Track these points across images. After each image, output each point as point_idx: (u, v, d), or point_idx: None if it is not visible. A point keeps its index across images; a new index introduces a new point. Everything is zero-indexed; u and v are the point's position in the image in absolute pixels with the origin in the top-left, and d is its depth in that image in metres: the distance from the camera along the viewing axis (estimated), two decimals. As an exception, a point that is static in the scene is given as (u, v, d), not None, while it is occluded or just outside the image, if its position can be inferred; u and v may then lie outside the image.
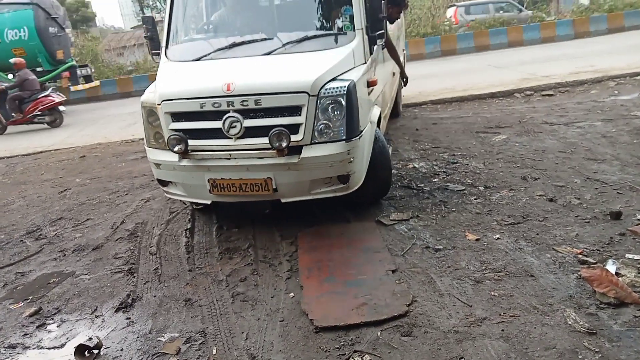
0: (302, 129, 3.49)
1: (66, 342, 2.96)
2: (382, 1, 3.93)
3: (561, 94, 8.01)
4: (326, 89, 3.49)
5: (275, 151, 3.47)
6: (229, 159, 3.60)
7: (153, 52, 4.54)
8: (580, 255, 3.14)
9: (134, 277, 3.66)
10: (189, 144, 3.64)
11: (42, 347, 2.96)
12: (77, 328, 3.11)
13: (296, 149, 3.52)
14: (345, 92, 3.48)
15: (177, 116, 3.72)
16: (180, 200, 4.77)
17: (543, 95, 8.04)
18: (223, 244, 3.99)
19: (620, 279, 2.78)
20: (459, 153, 5.55)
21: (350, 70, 3.74)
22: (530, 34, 15.11)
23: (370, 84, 3.95)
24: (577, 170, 4.61)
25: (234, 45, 4.09)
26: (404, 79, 6.02)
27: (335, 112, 3.51)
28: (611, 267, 2.92)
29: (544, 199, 4.08)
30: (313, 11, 4.28)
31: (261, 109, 3.50)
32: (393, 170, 5.19)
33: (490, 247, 3.41)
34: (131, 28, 47.84)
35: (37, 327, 3.18)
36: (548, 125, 6.19)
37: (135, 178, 6.26)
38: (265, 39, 4.06)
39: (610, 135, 5.50)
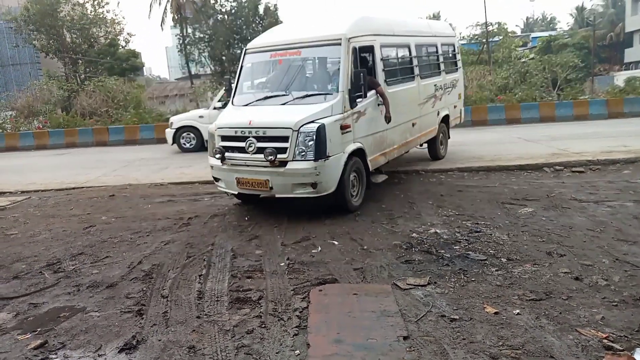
0: (288, 150, 5.58)
1: (65, 379, 2.92)
2: (361, 75, 5.85)
3: (592, 171, 7.87)
4: (304, 127, 5.53)
5: (270, 163, 5.59)
6: (247, 166, 5.88)
7: (228, 99, 7.06)
8: (605, 340, 2.96)
9: (142, 318, 3.63)
10: (226, 155, 6.01)
11: (41, 382, 2.92)
12: (78, 365, 3.06)
13: (284, 163, 5.62)
14: (315, 130, 5.49)
15: (223, 138, 6.10)
16: (226, 193, 6.88)
17: (573, 171, 7.92)
18: (234, 294, 3.95)
19: (648, 369, 2.59)
20: (483, 222, 5.45)
21: (326, 117, 5.66)
22: (562, 111, 15.11)
23: (343, 127, 5.80)
24: (605, 250, 4.43)
25: (266, 97, 6.41)
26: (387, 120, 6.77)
27: (308, 142, 5.51)
28: (639, 356, 2.73)
29: (569, 277, 3.91)
30: (317, 79, 6.59)
31: (267, 136, 5.73)
32: (414, 234, 5.16)
33: (509, 322, 3.26)
34: (175, 79, 50.48)
35: (40, 360, 3.15)
36: (577, 202, 6.05)
37: (158, 220, 6.36)
38: (285, 95, 6.23)
39: (643, 216, 5.31)
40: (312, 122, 5.55)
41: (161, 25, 36.88)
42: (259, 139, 5.72)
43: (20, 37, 32.10)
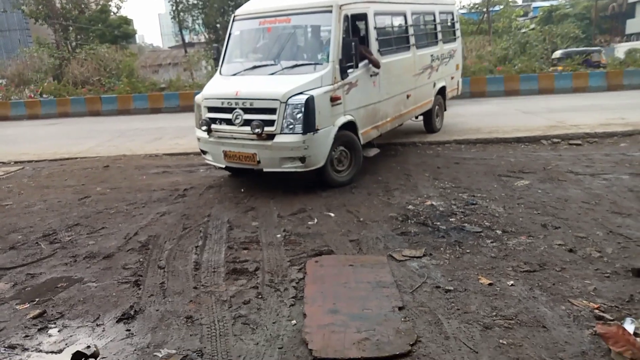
0: (276, 123, 5.42)
1: (64, 348, 2.95)
2: (353, 44, 5.68)
3: (589, 144, 7.86)
4: (292, 99, 5.37)
5: (257, 136, 5.44)
6: (234, 138, 5.69)
7: (217, 67, 6.75)
8: (597, 311, 3.01)
9: (140, 289, 3.65)
10: (212, 127, 5.85)
11: (40, 351, 2.95)
12: (77, 335, 3.10)
13: (271, 136, 5.46)
14: (303, 102, 5.32)
15: (210, 109, 5.92)
16: (213, 166, 6.63)
17: (570, 144, 7.91)
18: (231, 265, 3.97)
19: (638, 339, 2.64)
20: (479, 195, 5.46)
21: (315, 88, 5.49)
22: (561, 83, 14.99)
23: (334, 98, 5.63)
24: (600, 223, 4.46)
25: (254, 67, 6.23)
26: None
27: (296, 115, 5.35)
28: (629, 326, 2.78)
29: (563, 249, 3.95)
30: (307, 48, 6.38)
31: (254, 108, 5.55)
32: (409, 206, 5.17)
33: (503, 293, 3.30)
34: (169, 47, 49.56)
35: (39, 329, 3.18)
36: (573, 175, 6.06)
37: (154, 191, 6.34)
38: (274, 64, 6.07)
39: (638, 189, 5.33)
40: (301, 93, 5.38)
41: (153, -9, 35.84)
42: (246, 110, 5.56)
43: (8, 2, 31.25)
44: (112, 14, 34.07)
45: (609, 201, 5.02)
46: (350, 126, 6.01)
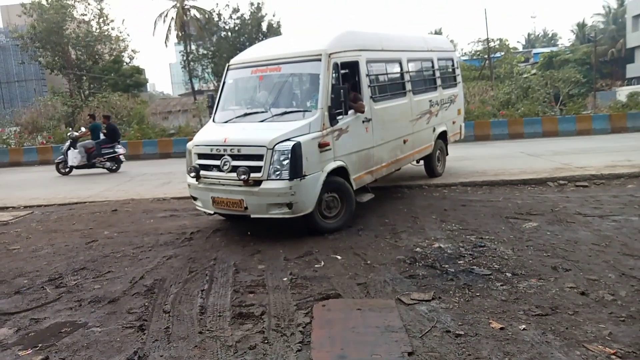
0: (263, 169, 5.43)
1: (65, 396, 2.88)
2: (342, 91, 5.76)
3: (596, 185, 7.84)
4: (278, 145, 5.38)
5: (243, 182, 5.44)
6: (222, 185, 5.73)
7: (210, 115, 6.86)
8: (613, 356, 2.91)
9: (144, 334, 3.60)
10: (201, 173, 5.90)
11: (41, 399, 2.88)
12: (79, 382, 3.03)
13: (259, 183, 5.46)
14: (290, 148, 5.33)
15: (200, 155, 6.01)
16: (205, 213, 6.45)
17: (577, 185, 7.89)
18: (237, 309, 3.92)
19: (658, 386, 2.54)
20: (487, 237, 5.41)
21: (303, 135, 5.50)
22: (565, 126, 15.14)
23: (322, 145, 5.64)
24: (611, 265, 4.39)
25: (246, 114, 6.30)
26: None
27: (283, 161, 5.35)
28: (648, 372, 2.68)
29: (575, 292, 3.87)
30: (297, 96, 6.41)
31: (241, 155, 5.60)
32: (417, 249, 5.13)
33: (515, 337, 3.21)
34: (178, 95, 50.92)
35: (41, 376, 3.12)
36: (582, 216, 6.01)
37: (161, 235, 6.35)
38: (264, 112, 6.14)
39: (648, 231, 5.27)
40: (288, 140, 5.40)
41: (165, 42, 37.30)
42: (234, 157, 5.60)
43: (26, 54, 32.56)
44: (124, 64, 35.30)
45: (620, 243, 4.95)
46: (341, 172, 5.99)
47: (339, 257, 5.01)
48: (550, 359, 2.92)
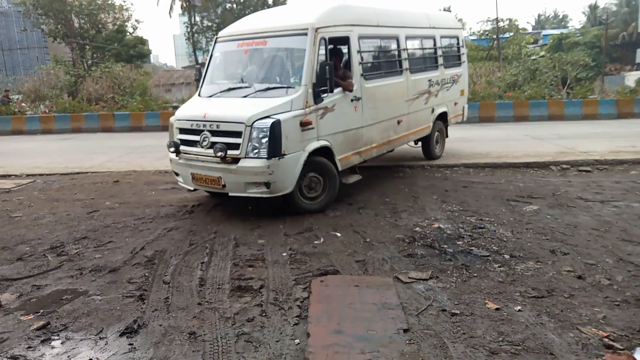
0: (241, 147, 5.27)
1: (66, 361, 2.94)
2: (327, 68, 5.48)
3: (599, 171, 7.81)
4: (257, 123, 5.21)
5: (220, 159, 5.33)
6: (201, 161, 5.60)
7: (198, 88, 6.70)
8: (606, 339, 2.94)
9: (144, 303, 3.65)
10: (181, 148, 5.80)
11: (42, 363, 2.94)
12: (79, 347, 3.09)
13: (237, 160, 5.31)
14: (269, 126, 5.15)
15: (181, 130, 5.87)
16: (187, 190, 6.29)
17: (580, 170, 7.86)
18: (236, 282, 3.96)
19: (649, 370, 2.58)
20: (487, 219, 5.42)
21: (284, 112, 5.31)
22: (571, 109, 14.98)
23: (304, 123, 5.42)
24: (609, 250, 4.41)
25: (230, 89, 6.16)
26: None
27: (261, 139, 5.19)
28: (639, 355, 2.72)
29: (572, 276, 3.89)
30: (281, 71, 6.18)
31: (220, 131, 5.44)
32: (417, 228, 5.15)
33: (510, 318, 3.25)
34: (182, 67, 50.43)
35: (42, 341, 3.18)
36: (583, 201, 6.01)
37: (162, 207, 6.37)
38: (248, 87, 5.96)
39: (648, 217, 5.27)
40: (268, 117, 5.22)
41: (169, 13, 36.89)
42: (213, 133, 5.46)
43: (28, 21, 32.18)
44: (128, 34, 34.88)
45: (619, 228, 4.96)
46: (325, 152, 5.81)
47: (338, 234, 5.03)
48: (544, 340, 2.96)
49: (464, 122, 10.37)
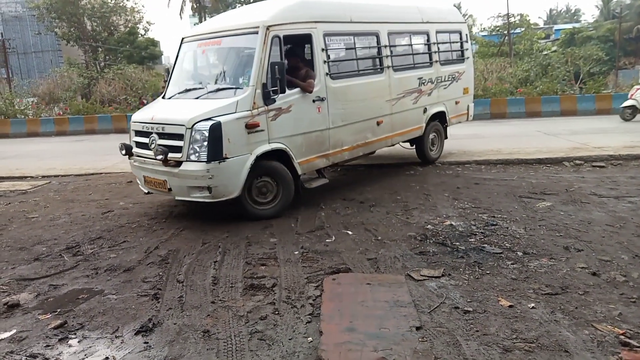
0: (183, 150, 5.17)
1: (84, 359, 2.99)
2: (277, 67, 5.25)
3: (613, 166, 7.72)
4: (197, 125, 5.08)
5: (162, 163, 5.30)
6: (149, 164, 5.59)
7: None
8: (622, 336, 2.91)
9: (159, 302, 3.69)
10: (134, 151, 5.87)
11: (60, 361, 3.00)
12: (96, 346, 3.14)
13: (179, 163, 5.22)
14: (208, 129, 5.01)
15: (135, 132, 5.89)
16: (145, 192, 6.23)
17: (594, 166, 7.77)
18: (249, 280, 3.99)
19: (665, 367, 2.55)
20: (500, 215, 5.39)
21: (228, 114, 5.15)
22: (584, 105, 14.82)
23: (250, 125, 5.25)
24: (625, 246, 4.35)
25: (187, 90, 6.07)
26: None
27: (203, 142, 5.06)
28: (656, 353, 2.69)
29: (586, 272, 3.86)
30: (233, 71, 5.98)
31: (165, 133, 5.40)
32: (429, 226, 5.13)
33: (523, 315, 3.23)
34: (193, 68, 50.66)
35: (60, 339, 3.24)
36: (597, 197, 5.94)
37: (175, 207, 6.44)
38: (201, 88, 5.92)
39: (665, 213, 5.20)
40: (209, 119, 5.07)
41: (180, 14, 36.90)
42: (160, 135, 5.43)
43: (42, 25, 32.66)
44: (139, 35, 35.20)
45: (635, 224, 4.90)
46: (281, 155, 5.63)
47: (350, 233, 5.04)
48: (558, 337, 2.94)
49: (475, 119, 10.29)
